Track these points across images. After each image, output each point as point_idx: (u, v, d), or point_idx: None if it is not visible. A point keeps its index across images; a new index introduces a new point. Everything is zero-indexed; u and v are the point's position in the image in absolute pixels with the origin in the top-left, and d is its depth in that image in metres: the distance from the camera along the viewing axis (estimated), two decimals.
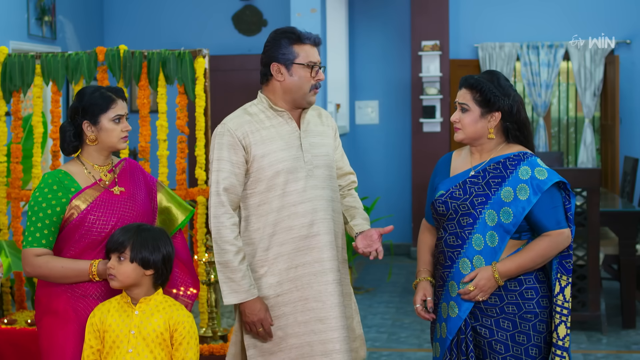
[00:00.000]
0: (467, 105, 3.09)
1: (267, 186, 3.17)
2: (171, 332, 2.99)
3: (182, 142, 4.78)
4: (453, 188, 3.13)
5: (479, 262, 3.06)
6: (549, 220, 3.05)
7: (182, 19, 9.29)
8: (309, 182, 3.19)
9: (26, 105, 6.98)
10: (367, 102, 9.43)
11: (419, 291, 3.22)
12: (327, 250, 3.18)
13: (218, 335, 4.86)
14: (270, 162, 3.16)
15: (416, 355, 5.60)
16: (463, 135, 3.13)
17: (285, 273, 3.17)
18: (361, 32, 9.37)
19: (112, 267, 2.96)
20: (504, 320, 3.06)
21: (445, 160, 3.28)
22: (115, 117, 3.13)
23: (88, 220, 3.07)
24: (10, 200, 4.88)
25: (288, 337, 3.18)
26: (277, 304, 3.18)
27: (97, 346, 2.98)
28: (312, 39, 3.20)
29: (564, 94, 9.73)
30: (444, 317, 3.12)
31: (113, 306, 3.00)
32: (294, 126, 3.23)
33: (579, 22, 8.98)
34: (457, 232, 3.09)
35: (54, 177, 3.10)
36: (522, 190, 3.04)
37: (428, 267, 3.26)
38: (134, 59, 4.73)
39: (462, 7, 9.22)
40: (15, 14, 7.42)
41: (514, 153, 3.11)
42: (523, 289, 3.07)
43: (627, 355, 5.59)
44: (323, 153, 3.27)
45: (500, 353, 3.04)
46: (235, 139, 3.15)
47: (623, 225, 6.17)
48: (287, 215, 3.16)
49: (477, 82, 3.07)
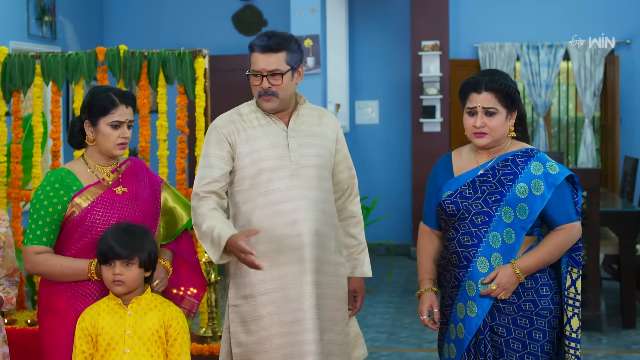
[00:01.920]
0: (495, 109, 3.07)
1: (250, 184, 3.20)
2: (166, 328, 2.99)
3: (182, 142, 4.78)
4: (462, 187, 3.12)
5: (496, 260, 3.06)
6: (560, 215, 3.09)
7: (182, 19, 9.29)
8: (294, 182, 3.19)
9: (26, 105, 6.98)
10: (367, 102, 9.43)
11: (424, 302, 3.19)
12: (308, 251, 3.17)
13: (218, 335, 4.85)
14: (254, 160, 3.19)
15: (416, 355, 5.60)
16: (490, 139, 3.10)
17: (269, 272, 3.16)
18: (361, 32, 9.37)
19: (120, 274, 2.94)
20: (521, 318, 3.07)
21: (445, 161, 3.26)
22: (114, 122, 3.09)
23: (89, 218, 3.07)
24: (10, 200, 4.88)
25: (272, 337, 3.17)
26: (262, 303, 3.19)
27: (89, 350, 2.95)
28: (259, 45, 3.18)
29: (564, 94, 9.73)
30: (460, 318, 3.10)
31: (102, 309, 2.97)
32: (282, 126, 3.25)
33: (579, 22, 8.98)
34: (471, 232, 3.08)
35: (57, 175, 3.11)
36: (537, 185, 3.06)
37: (431, 275, 3.24)
38: (134, 59, 4.73)
39: (462, 7, 9.22)
40: (15, 14, 7.42)
41: (521, 150, 3.14)
42: (539, 286, 3.09)
43: (627, 355, 5.59)
44: (314, 153, 3.25)
45: (517, 351, 3.05)
46: (221, 135, 3.23)
47: (623, 225, 6.17)
48: (270, 213, 3.17)
49: (501, 84, 3.07)
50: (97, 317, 2.95)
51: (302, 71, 3.27)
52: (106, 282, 2.99)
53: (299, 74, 3.26)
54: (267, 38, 3.18)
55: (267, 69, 3.17)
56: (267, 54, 3.17)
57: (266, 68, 3.17)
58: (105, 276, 2.98)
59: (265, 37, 3.19)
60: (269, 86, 3.18)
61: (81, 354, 2.95)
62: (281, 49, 3.17)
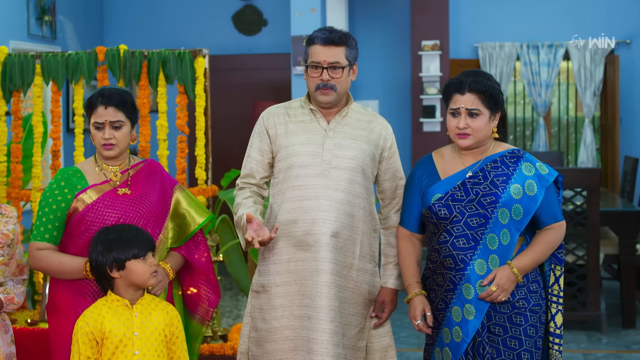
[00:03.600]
0: (478, 110, 3.07)
1: (283, 177, 3.26)
2: (169, 327, 3.00)
3: (182, 141, 4.78)
4: (452, 190, 3.11)
5: (494, 261, 3.06)
6: (548, 215, 3.12)
7: (182, 18, 9.29)
8: (321, 181, 3.21)
9: (26, 105, 6.98)
10: (367, 101, 9.43)
11: (417, 306, 3.16)
12: (324, 252, 3.18)
13: (218, 335, 4.86)
14: (288, 154, 3.25)
15: (416, 355, 5.60)
16: (473, 140, 3.10)
17: (286, 264, 3.22)
18: (361, 31, 9.37)
19: (156, 264, 3.01)
20: (516, 316, 3.08)
21: (426, 163, 3.23)
22: (94, 123, 3.12)
23: (89, 216, 3.08)
24: (11, 199, 4.88)
25: (283, 328, 3.21)
26: (277, 294, 3.23)
27: (94, 356, 2.91)
28: (321, 38, 3.22)
29: (564, 93, 9.73)
30: (456, 321, 3.08)
31: (105, 311, 2.94)
32: (324, 125, 3.28)
33: (579, 22, 8.98)
34: (467, 234, 3.07)
35: (64, 173, 3.15)
36: (530, 186, 3.07)
37: (417, 279, 3.22)
38: (134, 58, 4.73)
39: (462, 6, 9.22)
40: (15, 13, 7.42)
41: (507, 151, 3.15)
42: (529, 282, 3.11)
43: (627, 355, 5.59)
44: (349, 156, 3.25)
45: (514, 349, 3.06)
46: (263, 127, 3.32)
47: (623, 225, 6.17)
48: (294, 208, 3.21)
49: (485, 85, 3.07)
50: (103, 320, 2.92)
51: (356, 69, 3.32)
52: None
53: (354, 72, 3.31)
54: (328, 32, 3.22)
55: (329, 60, 3.20)
56: (329, 47, 3.21)
57: (327, 60, 3.20)
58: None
59: (326, 31, 3.23)
60: (328, 78, 3.21)
61: (86, 359, 2.90)
62: (342, 43, 3.22)
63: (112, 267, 2.93)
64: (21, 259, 3.25)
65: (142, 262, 2.95)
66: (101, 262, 2.94)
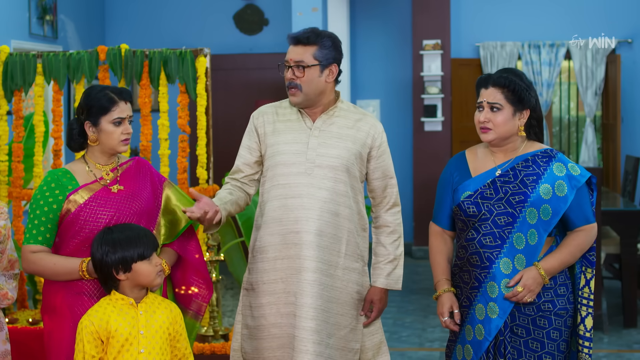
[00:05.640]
0: (499, 105, 3.05)
1: (270, 175, 3.30)
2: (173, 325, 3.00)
3: (184, 141, 4.78)
4: (482, 188, 3.09)
5: (520, 261, 3.05)
6: (579, 216, 3.09)
7: (183, 18, 9.29)
8: (305, 180, 3.22)
9: (27, 104, 6.99)
10: (369, 101, 9.43)
11: (445, 303, 3.14)
12: (308, 249, 3.19)
13: (219, 334, 4.86)
14: (274, 152, 3.28)
15: (417, 354, 5.59)
16: (494, 135, 3.08)
17: (272, 262, 3.24)
18: (362, 31, 9.37)
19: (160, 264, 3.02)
20: (540, 319, 3.06)
21: (459, 160, 3.22)
22: (116, 119, 3.12)
23: (82, 215, 3.07)
24: (12, 199, 4.89)
25: (270, 326, 3.24)
26: (263, 292, 3.25)
27: (99, 355, 2.91)
28: (291, 37, 3.25)
29: (566, 93, 9.73)
30: (479, 319, 3.07)
31: (110, 310, 2.94)
32: (309, 124, 3.29)
33: (580, 21, 8.98)
34: (494, 232, 3.06)
35: (54, 175, 3.13)
36: (560, 186, 3.05)
37: (447, 276, 3.20)
38: (135, 58, 4.73)
39: (464, 6, 9.22)
40: (16, 13, 7.43)
41: (540, 150, 3.12)
42: (557, 285, 3.09)
43: (629, 354, 5.59)
44: (333, 154, 3.25)
45: (536, 351, 3.05)
46: (252, 126, 3.37)
47: (624, 224, 6.17)
48: (279, 206, 3.24)
49: (509, 80, 3.05)
50: (108, 320, 2.91)
51: (335, 70, 3.27)
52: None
53: (331, 73, 3.26)
54: (302, 32, 3.24)
55: (294, 59, 3.22)
56: (297, 46, 3.23)
57: (293, 58, 3.22)
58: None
59: (301, 30, 3.25)
60: (292, 77, 3.22)
61: (91, 358, 2.90)
62: (311, 42, 3.21)
63: (119, 270, 2.93)
64: (12, 254, 3.25)
65: (148, 263, 2.94)
66: (107, 264, 2.93)
